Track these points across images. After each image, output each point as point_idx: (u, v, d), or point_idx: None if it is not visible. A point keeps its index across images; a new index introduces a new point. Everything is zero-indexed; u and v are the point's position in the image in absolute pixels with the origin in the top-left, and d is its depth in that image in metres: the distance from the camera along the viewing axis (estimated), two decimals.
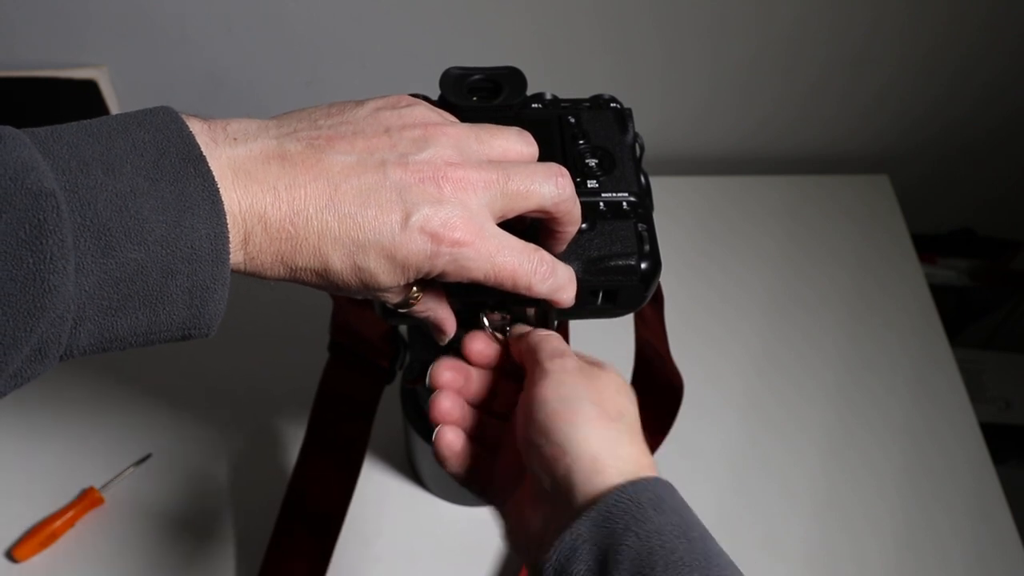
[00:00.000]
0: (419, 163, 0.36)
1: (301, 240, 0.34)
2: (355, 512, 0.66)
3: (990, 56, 0.87)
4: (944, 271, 1.04)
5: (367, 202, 0.35)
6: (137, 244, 0.30)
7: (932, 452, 0.77)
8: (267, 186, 0.33)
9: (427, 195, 0.35)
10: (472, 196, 0.36)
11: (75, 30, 0.80)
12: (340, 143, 0.36)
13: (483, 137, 0.39)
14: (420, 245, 0.35)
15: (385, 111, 0.38)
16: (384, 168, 0.35)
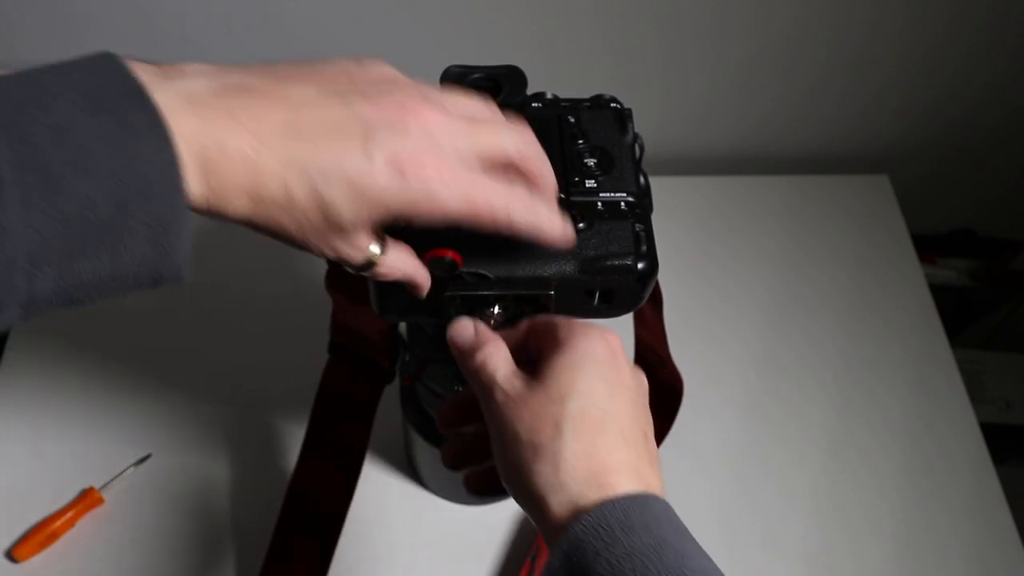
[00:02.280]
0: (384, 100, 0.35)
1: (263, 169, 0.33)
2: (355, 512, 0.66)
3: (990, 56, 0.87)
4: (944, 271, 1.04)
5: (331, 133, 0.34)
6: (83, 176, 0.29)
7: (932, 452, 0.77)
8: (224, 113, 0.32)
9: (394, 129, 0.34)
10: (440, 134, 0.35)
11: (75, 30, 0.80)
12: (302, 79, 0.35)
13: (448, 94, 0.39)
14: (388, 178, 0.34)
15: (349, 63, 0.37)
16: (348, 102, 0.34)
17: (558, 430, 0.36)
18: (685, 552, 0.34)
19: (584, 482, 0.36)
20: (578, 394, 0.37)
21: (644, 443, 0.38)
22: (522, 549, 0.70)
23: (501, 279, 0.44)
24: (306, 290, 0.78)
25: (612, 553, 0.33)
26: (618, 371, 0.39)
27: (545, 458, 0.36)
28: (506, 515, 0.72)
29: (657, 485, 0.37)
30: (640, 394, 0.40)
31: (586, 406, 0.37)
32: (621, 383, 0.39)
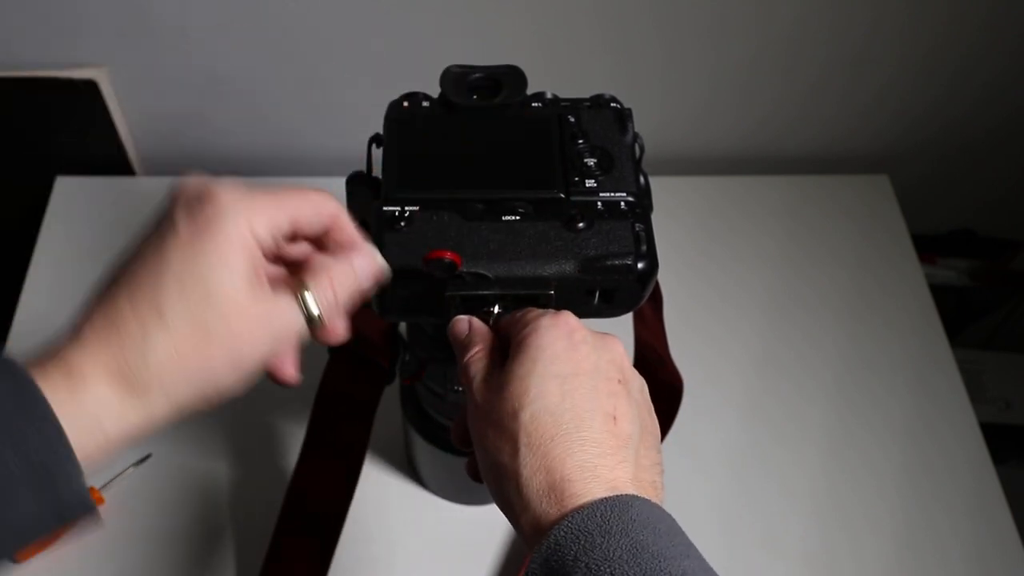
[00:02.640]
0: (166, 205, 0.37)
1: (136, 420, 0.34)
2: (355, 512, 0.66)
3: (990, 56, 0.87)
4: (944, 271, 1.04)
5: (142, 254, 0.36)
6: None
7: (932, 452, 0.77)
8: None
9: (177, 209, 0.36)
10: (221, 196, 0.36)
11: (75, 30, 0.80)
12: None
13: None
14: (204, 230, 0.35)
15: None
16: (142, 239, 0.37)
17: (515, 448, 0.36)
18: (667, 552, 0.33)
19: (544, 498, 0.35)
20: (530, 402, 0.36)
21: (608, 432, 0.36)
22: (522, 549, 0.70)
23: (501, 279, 0.44)
24: None
25: (591, 557, 0.32)
26: (573, 358, 0.38)
27: (508, 478, 0.36)
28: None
29: (623, 476, 0.36)
30: (602, 373, 0.38)
31: (537, 413, 0.36)
32: (577, 371, 0.37)
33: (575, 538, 0.33)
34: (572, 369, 0.37)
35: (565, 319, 0.39)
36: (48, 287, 0.82)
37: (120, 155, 0.91)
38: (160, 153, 0.93)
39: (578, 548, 0.32)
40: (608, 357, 0.39)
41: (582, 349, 0.38)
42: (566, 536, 0.33)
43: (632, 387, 0.39)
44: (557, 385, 0.37)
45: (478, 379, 0.39)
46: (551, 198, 0.46)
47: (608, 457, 0.36)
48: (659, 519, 0.34)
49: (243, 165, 0.94)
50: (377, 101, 0.53)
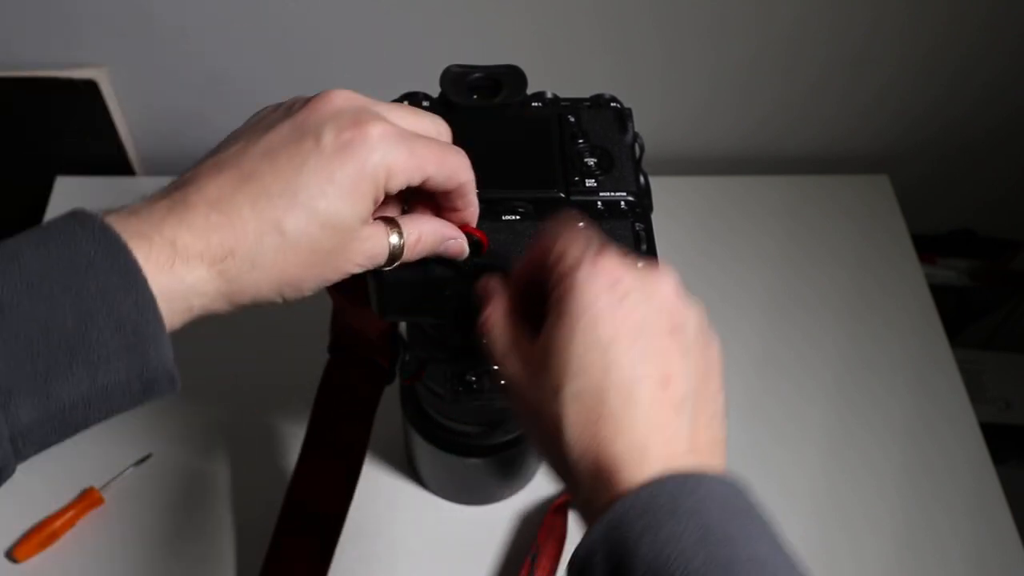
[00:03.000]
0: (305, 109, 0.36)
1: (244, 231, 0.34)
2: (355, 512, 0.66)
3: (990, 56, 0.87)
4: (944, 271, 1.04)
5: (276, 156, 0.35)
6: (36, 299, 0.30)
7: (932, 452, 0.77)
8: (180, 203, 0.34)
9: (325, 123, 0.35)
10: (373, 128, 0.36)
11: (75, 30, 0.80)
12: (240, 138, 0.37)
13: (395, 108, 0.39)
14: (346, 155, 0.34)
15: (287, 101, 0.38)
16: (275, 125, 0.36)
17: (559, 430, 0.34)
18: (739, 538, 0.32)
19: (594, 480, 0.34)
20: (571, 379, 0.34)
21: (659, 400, 0.34)
22: (522, 549, 0.70)
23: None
24: None
25: (657, 536, 0.31)
26: (617, 317, 0.35)
27: (555, 455, 0.35)
28: (506, 515, 0.71)
29: (677, 450, 0.34)
30: (650, 330, 0.35)
31: (580, 392, 0.34)
32: (621, 333, 0.34)
33: (641, 514, 0.32)
34: (615, 331, 0.34)
35: (605, 267, 0.35)
36: None
37: (120, 155, 0.91)
38: (160, 153, 0.93)
39: (643, 524, 0.31)
40: (657, 304, 0.36)
41: (627, 303, 0.35)
42: (632, 511, 0.32)
43: (687, 330, 0.36)
44: (600, 356, 0.34)
45: (502, 343, 0.38)
46: (551, 198, 0.46)
47: (660, 432, 0.34)
48: (732, 498, 0.33)
49: None
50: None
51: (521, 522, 0.71)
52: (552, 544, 0.69)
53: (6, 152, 0.90)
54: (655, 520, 0.31)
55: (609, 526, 0.32)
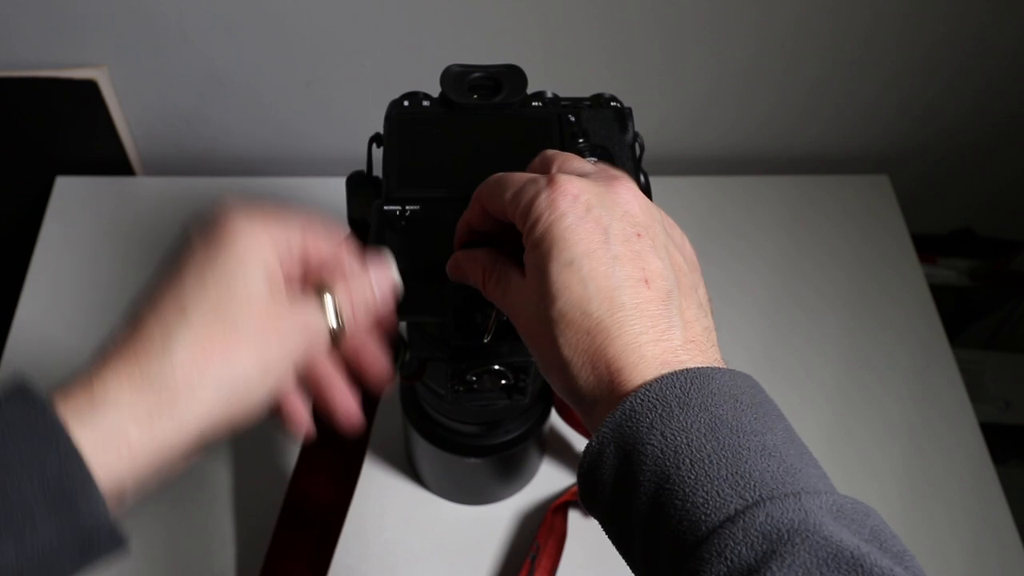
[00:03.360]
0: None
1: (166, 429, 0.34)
2: (355, 512, 0.66)
3: (990, 56, 0.87)
4: (944, 271, 1.04)
5: (170, 284, 0.37)
6: None
7: (932, 452, 0.77)
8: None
9: (196, 239, 0.38)
10: (236, 221, 0.38)
11: (75, 30, 0.80)
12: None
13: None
14: (215, 247, 0.37)
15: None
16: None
17: (555, 347, 0.35)
18: (750, 429, 0.32)
19: (597, 388, 0.34)
20: (553, 301, 0.35)
21: (641, 300, 0.34)
22: (522, 549, 0.70)
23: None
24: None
25: (667, 427, 0.31)
26: (583, 233, 0.35)
27: (561, 380, 0.36)
28: (506, 515, 0.71)
29: (672, 344, 0.34)
30: (617, 238, 0.35)
31: (564, 311, 0.34)
32: (590, 248, 0.35)
33: (652, 407, 0.32)
34: (585, 247, 0.35)
35: (561, 187, 0.36)
36: (48, 287, 0.82)
37: (120, 155, 0.91)
38: (160, 153, 0.93)
39: (654, 416, 0.32)
40: (621, 211, 0.36)
41: (591, 217, 0.35)
42: (643, 404, 0.32)
43: (653, 231, 0.36)
44: (575, 272, 0.34)
45: (499, 295, 0.38)
46: None
47: (651, 330, 0.34)
48: (742, 391, 0.33)
49: (243, 165, 0.94)
50: (377, 101, 0.53)
51: (521, 522, 0.71)
52: (552, 544, 0.69)
53: (6, 152, 0.90)
54: (665, 413, 0.32)
55: (619, 421, 0.33)
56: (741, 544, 0.29)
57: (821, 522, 0.29)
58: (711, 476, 0.30)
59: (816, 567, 0.28)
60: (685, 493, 0.30)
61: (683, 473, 0.31)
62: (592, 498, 0.35)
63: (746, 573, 0.28)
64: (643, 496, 0.32)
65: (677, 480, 0.31)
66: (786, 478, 0.31)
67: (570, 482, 0.73)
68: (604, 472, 0.33)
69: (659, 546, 0.31)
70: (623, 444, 0.32)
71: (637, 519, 0.32)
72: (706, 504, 0.30)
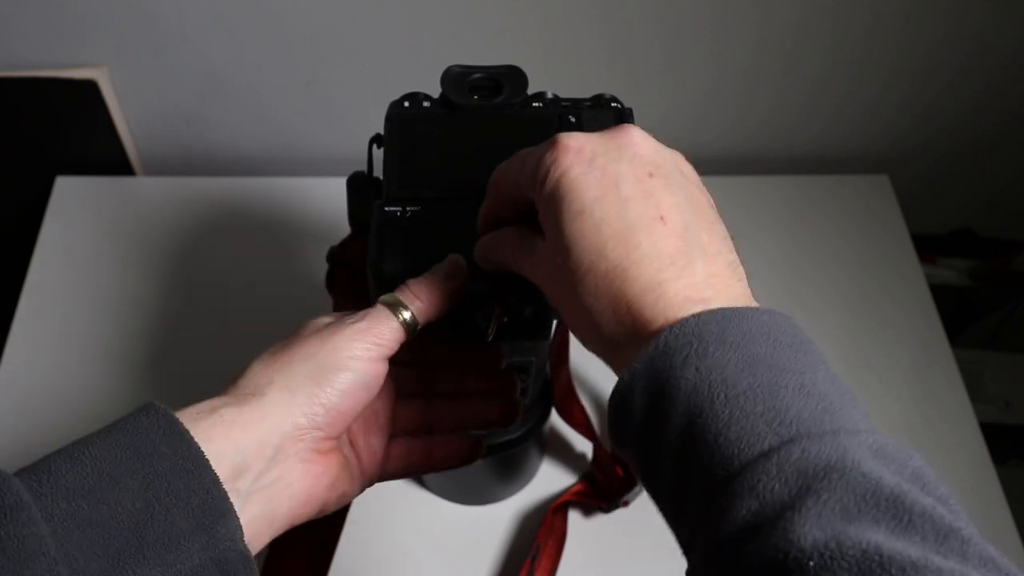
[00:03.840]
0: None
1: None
2: (355, 512, 0.66)
3: (990, 56, 0.87)
4: (944, 271, 1.04)
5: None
6: (110, 490, 0.32)
7: (932, 452, 0.77)
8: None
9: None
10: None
11: (75, 30, 0.80)
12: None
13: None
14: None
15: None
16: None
17: (579, 303, 0.34)
18: (786, 367, 0.31)
19: (620, 332, 0.33)
20: (568, 248, 0.34)
21: (657, 238, 0.33)
22: (522, 549, 0.70)
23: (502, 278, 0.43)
24: (306, 290, 0.78)
25: (703, 363, 0.31)
26: (591, 181, 0.34)
27: (581, 322, 0.35)
28: (506, 515, 0.72)
29: (696, 279, 0.33)
30: (627, 181, 0.34)
31: (580, 257, 0.34)
32: (601, 193, 0.34)
33: (688, 343, 0.31)
34: (594, 194, 0.34)
35: (563, 143, 0.36)
36: (48, 287, 0.82)
37: (120, 155, 0.91)
38: (160, 153, 0.93)
39: (689, 352, 0.31)
40: (629, 155, 0.35)
41: (597, 164, 0.35)
42: (677, 340, 0.31)
43: (665, 170, 0.36)
44: (587, 220, 0.34)
45: (528, 265, 0.38)
46: None
47: (670, 267, 0.33)
48: (781, 330, 0.32)
49: (243, 165, 0.94)
50: (377, 101, 0.53)
51: (521, 522, 0.71)
52: (552, 544, 0.69)
53: (6, 152, 0.90)
54: (700, 348, 0.31)
55: (651, 356, 0.32)
56: (775, 480, 0.28)
57: (860, 459, 0.28)
58: (746, 412, 0.30)
59: (854, 503, 0.27)
60: (718, 428, 0.30)
61: (717, 408, 0.30)
62: (621, 432, 0.34)
63: (779, 508, 0.28)
64: (674, 430, 0.31)
65: (711, 415, 0.30)
66: (824, 416, 0.30)
67: (570, 482, 0.73)
68: (634, 406, 0.32)
69: (689, 481, 0.31)
70: (655, 378, 0.31)
71: (667, 453, 0.31)
72: (740, 440, 0.29)
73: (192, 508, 0.32)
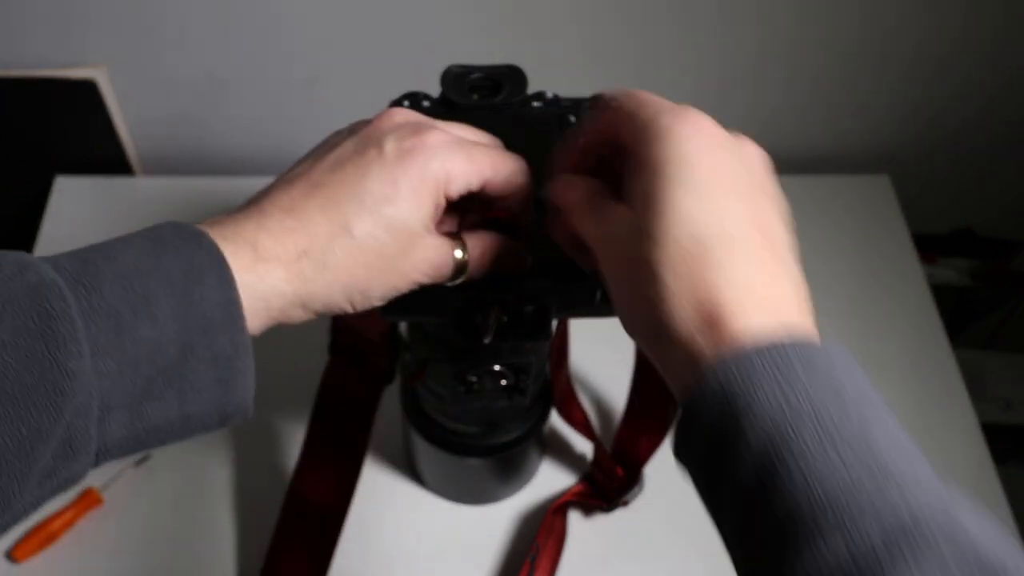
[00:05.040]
0: (368, 126, 0.39)
1: (322, 234, 0.35)
2: (355, 512, 0.66)
3: (991, 56, 0.87)
4: (944, 271, 1.04)
5: (342, 166, 0.37)
6: (149, 321, 0.30)
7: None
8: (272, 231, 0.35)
9: (387, 134, 0.38)
10: (432, 136, 0.38)
11: (75, 30, 0.80)
12: (298, 163, 0.39)
13: (448, 123, 0.41)
14: (407, 161, 0.36)
15: (354, 125, 0.40)
16: (340, 143, 0.38)
17: (656, 277, 0.32)
18: (872, 411, 0.30)
19: (698, 330, 0.31)
20: (664, 223, 0.32)
21: (762, 247, 0.33)
22: (522, 549, 0.70)
23: (502, 279, 0.43)
24: None
25: (791, 387, 0.29)
26: (709, 164, 0.33)
27: (646, 304, 0.33)
28: (506, 515, 0.71)
29: (787, 303, 0.32)
30: (747, 177, 0.34)
31: (677, 236, 0.32)
32: (717, 179, 0.33)
33: (774, 364, 0.30)
34: (710, 176, 0.33)
35: (690, 114, 0.34)
36: None
37: (120, 155, 0.91)
38: (160, 153, 0.93)
39: (776, 374, 0.30)
40: (748, 161, 0.35)
41: (719, 151, 0.34)
42: (763, 359, 0.30)
43: (773, 192, 0.36)
44: (696, 200, 0.32)
45: (585, 208, 0.36)
46: None
47: (772, 284, 0.33)
48: (859, 373, 0.32)
49: (243, 165, 0.94)
50: (377, 101, 0.53)
51: (521, 522, 0.71)
52: (552, 544, 0.69)
53: (6, 152, 0.90)
54: (790, 373, 0.29)
55: (730, 371, 0.30)
56: (871, 525, 0.27)
57: (966, 526, 0.27)
58: (837, 449, 0.28)
59: (957, 568, 0.26)
60: (808, 462, 0.28)
61: (806, 439, 0.28)
62: (686, 447, 0.32)
63: (873, 558, 0.26)
64: (750, 456, 0.29)
65: (797, 447, 0.28)
66: (920, 472, 0.29)
67: (570, 482, 0.73)
68: (705, 420, 0.31)
69: (765, 511, 0.29)
70: (732, 396, 0.30)
71: (742, 476, 0.30)
72: (831, 479, 0.28)
73: (219, 364, 0.32)
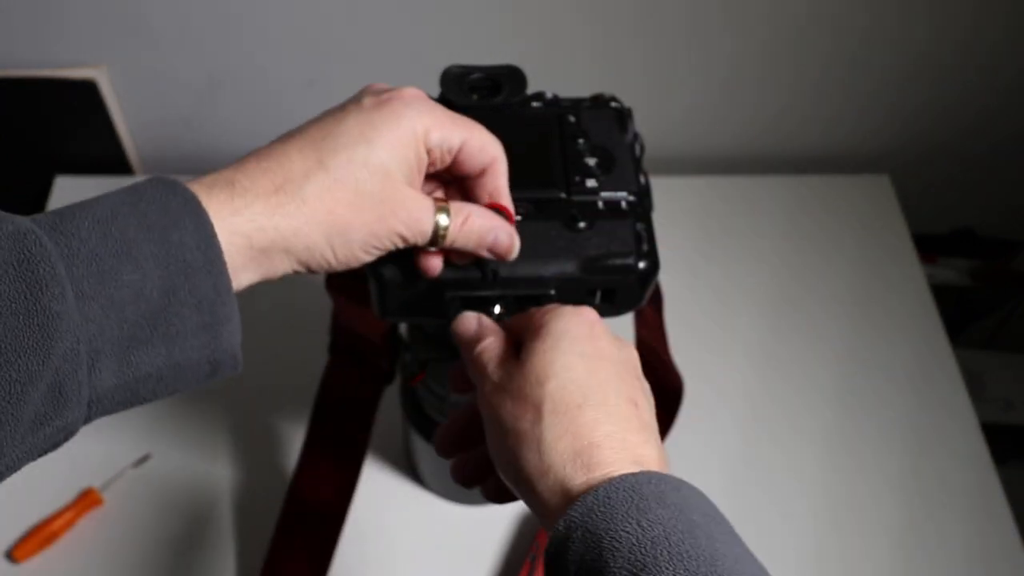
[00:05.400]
0: (357, 93, 0.40)
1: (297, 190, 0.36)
2: (355, 512, 0.66)
3: (991, 56, 0.87)
4: (944, 271, 1.04)
5: (320, 118, 0.38)
6: (131, 265, 0.31)
7: (932, 452, 0.77)
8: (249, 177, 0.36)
9: (366, 93, 0.39)
10: (410, 90, 0.39)
11: (75, 30, 0.80)
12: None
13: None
14: (384, 108, 0.38)
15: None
16: (342, 105, 0.39)
17: (538, 414, 0.36)
18: (717, 536, 0.33)
19: (570, 463, 0.35)
20: (556, 374, 0.36)
21: (633, 414, 0.37)
22: (522, 549, 0.70)
23: (502, 279, 0.44)
24: (306, 290, 0.78)
25: (645, 517, 0.32)
26: (596, 344, 0.38)
27: (530, 444, 0.36)
28: (506, 515, 0.71)
29: (651, 456, 0.36)
30: (624, 365, 0.39)
31: (565, 384, 0.36)
32: (601, 356, 0.38)
33: (628, 497, 0.33)
34: (595, 354, 0.38)
35: (585, 311, 0.39)
36: None
37: (119, 155, 0.91)
38: (159, 153, 0.93)
39: (631, 506, 0.32)
40: (627, 355, 0.39)
41: (603, 340, 0.38)
42: (618, 493, 0.33)
43: (641, 380, 0.39)
44: (582, 362, 0.37)
45: (493, 364, 0.39)
46: (552, 198, 0.46)
47: (636, 433, 0.36)
48: (708, 505, 0.35)
49: None
50: None
51: (521, 522, 0.71)
52: None
53: (6, 152, 0.90)
54: (643, 505, 0.32)
55: (590, 506, 0.33)
56: None
57: None
58: (690, 572, 0.31)
59: None
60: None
61: (661, 565, 0.31)
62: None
63: None
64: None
65: (655, 572, 0.31)
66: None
67: None
68: (571, 555, 0.33)
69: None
70: (594, 529, 0.32)
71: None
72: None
73: (203, 309, 0.32)
